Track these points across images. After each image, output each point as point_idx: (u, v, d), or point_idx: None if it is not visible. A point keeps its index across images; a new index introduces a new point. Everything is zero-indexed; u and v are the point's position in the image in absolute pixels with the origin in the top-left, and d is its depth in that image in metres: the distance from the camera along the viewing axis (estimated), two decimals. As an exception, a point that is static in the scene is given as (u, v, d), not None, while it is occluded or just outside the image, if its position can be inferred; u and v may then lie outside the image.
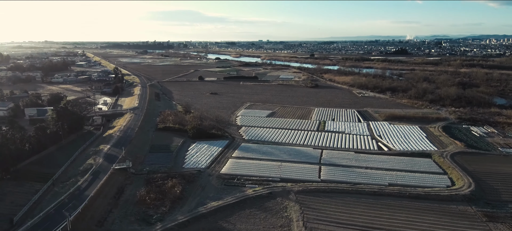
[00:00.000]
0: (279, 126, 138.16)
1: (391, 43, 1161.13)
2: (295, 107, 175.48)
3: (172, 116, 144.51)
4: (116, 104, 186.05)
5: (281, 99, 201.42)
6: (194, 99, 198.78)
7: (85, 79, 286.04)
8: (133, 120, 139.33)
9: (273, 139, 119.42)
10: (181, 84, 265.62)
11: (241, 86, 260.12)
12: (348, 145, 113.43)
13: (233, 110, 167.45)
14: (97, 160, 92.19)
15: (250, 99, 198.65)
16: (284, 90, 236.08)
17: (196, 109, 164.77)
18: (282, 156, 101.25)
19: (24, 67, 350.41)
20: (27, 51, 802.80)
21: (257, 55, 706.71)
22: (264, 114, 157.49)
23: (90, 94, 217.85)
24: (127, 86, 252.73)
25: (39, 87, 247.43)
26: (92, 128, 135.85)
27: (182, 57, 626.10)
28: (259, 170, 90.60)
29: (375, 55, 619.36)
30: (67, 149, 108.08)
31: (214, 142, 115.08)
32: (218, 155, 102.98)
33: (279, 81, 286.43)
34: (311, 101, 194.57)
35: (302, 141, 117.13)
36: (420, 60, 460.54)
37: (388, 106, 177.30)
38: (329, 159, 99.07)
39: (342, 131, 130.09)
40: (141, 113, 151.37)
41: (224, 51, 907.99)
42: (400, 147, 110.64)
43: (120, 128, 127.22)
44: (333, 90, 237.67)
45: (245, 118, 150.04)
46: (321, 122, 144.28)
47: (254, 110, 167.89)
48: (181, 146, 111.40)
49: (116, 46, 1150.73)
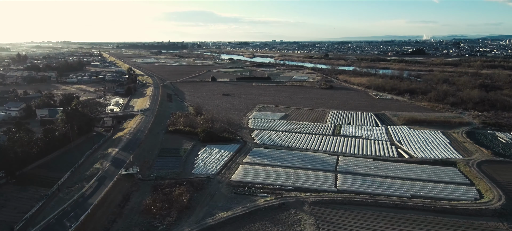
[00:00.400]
0: (292, 129, 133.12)
1: (407, 43, 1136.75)
2: (309, 110, 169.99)
3: (183, 118, 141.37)
4: (128, 105, 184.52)
5: (295, 101, 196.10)
6: (206, 101, 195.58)
7: (99, 79, 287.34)
8: (144, 121, 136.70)
9: (286, 143, 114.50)
10: (193, 85, 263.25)
11: (254, 87, 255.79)
12: (365, 151, 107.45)
13: (245, 113, 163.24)
14: (104, 164, 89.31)
15: (263, 101, 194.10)
16: (298, 92, 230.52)
17: (208, 111, 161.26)
18: (296, 162, 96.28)
19: (40, 67, 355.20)
20: (45, 51, 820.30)
21: (270, 56, 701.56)
22: (277, 117, 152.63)
23: (102, 95, 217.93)
24: (140, 87, 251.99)
25: (53, 87, 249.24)
26: (102, 129, 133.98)
27: (195, 57, 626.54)
28: (271, 177, 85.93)
29: (392, 56, 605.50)
30: (76, 151, 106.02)
31: (225, 145, 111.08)
32: (228, 160, 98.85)
33: (293, 82, 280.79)
34: (325, 103, 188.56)
35: (317, 146, 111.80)
36: (438, 61, 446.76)
37: (407, 110, 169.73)
38: (345, 166, 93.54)
39: (358, 135, 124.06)
40: (152, 115, 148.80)
41: (238, 51, 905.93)
42: (422, 154, 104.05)
43: (130, 130, 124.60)
44: (349, 92, 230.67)
45: (257, 121, 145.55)
46: (337, 125, 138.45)
47: (266, 112, 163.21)
48: (191, 149, 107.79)
49: (132, 47, 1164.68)
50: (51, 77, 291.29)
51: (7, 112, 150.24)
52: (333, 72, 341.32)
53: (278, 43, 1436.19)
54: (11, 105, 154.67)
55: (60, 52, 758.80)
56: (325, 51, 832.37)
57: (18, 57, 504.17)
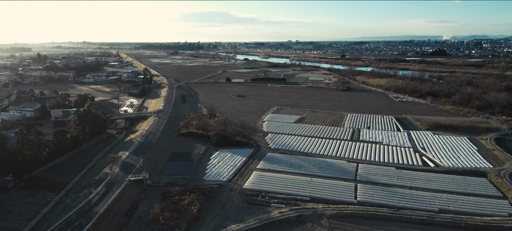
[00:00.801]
0: (308, 133, 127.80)
1: (426, 44, 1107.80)
2: (325, 113, 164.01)
3: (196, 120, 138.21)
4: (142, 106, 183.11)
5: (311, 103, 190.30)
6: (220, 102, 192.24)
7: (115, 79, 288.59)
8: (156, 124, 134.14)
9: (302, 149, 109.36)
10: (208, 86, 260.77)
11: (269, 88, 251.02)
12: (387, 158, 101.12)
13: (259, 115, 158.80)
14: (114, 169, 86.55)
15: (278, 103, 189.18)
16: (314, 94, 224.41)
17: (221, 113, 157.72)
18: (312, 170, 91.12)
19: (59, 67, 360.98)
20: (65, 52, 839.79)
21: (285, 56, 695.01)
22: (292, 120, 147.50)
23: (117, 95, 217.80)
24: (155, 88, 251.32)
25: (70, 87, 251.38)
26: (115, 131, 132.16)
27: (211, 58, 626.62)
28: (286, 185, 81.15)
29: (411, 56, 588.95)
30: (87, 154, 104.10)
31: (238, 150, 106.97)
32: (241, 165, 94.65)
33: (309, 83, 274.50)
34: (343, 106, 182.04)
35: (334, 152, 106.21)
36: (460, 62, 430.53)
37: (430, 113, 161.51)
38: (366, 175, 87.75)
39: (379, 141, 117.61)
40: (165, 116, 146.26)
41: (253, 52, 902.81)
42: (449, 163, 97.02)
43: (142, 132, 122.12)
44: (367, 94, 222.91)
45: (271, 124, 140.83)
46: (355, 130, 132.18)
47: (281, 115, 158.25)
48: (203, 153, 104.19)
49: (149, 47, 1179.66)
50: (68, 77, 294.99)
51: (22, 112, 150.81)
52: (350, 73, 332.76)
53: (293, 44, 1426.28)
54: (26, 105, 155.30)
55: (79, 53, 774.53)
56: (342, 51, 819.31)
57: (38, 57, 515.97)
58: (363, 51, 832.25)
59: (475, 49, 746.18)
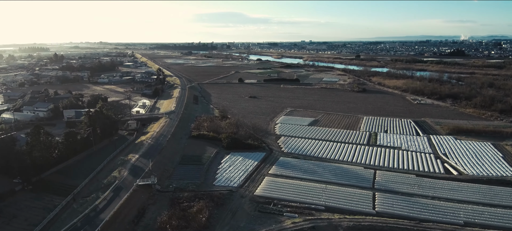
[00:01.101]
0: (322, 136, 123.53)
1: (444, 44, 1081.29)
2: (340, 115, 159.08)
3: (207, 122, 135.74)
4: (154, 107, 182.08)
5: (325, 105, 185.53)
6: (232, 103, 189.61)
7: (129, 80, 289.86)
8: (167, 125, 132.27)
9: (316, 153, 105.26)
10: (220, 87, 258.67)
11: (282, 89, 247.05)
12: (406, 165, 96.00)
13: (272, 117, 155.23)
14: (122, 173, 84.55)
15: (291, 104, 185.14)
16: (328, 95, 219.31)
17: (233, 115, 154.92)
18: (327, 176, 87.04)
19: (75, 67, 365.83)
20: (81, 52, 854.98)
21: (299, 56, 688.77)
22: (306, 123, 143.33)
23: (129, 96, 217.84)
24: (167, 88, 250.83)
25: (84, 87, 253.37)
26: (126, 132, 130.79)
27: (224, 58, 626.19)
28: (300, 193, 77.42)
29: (428, 57, 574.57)
30: (97, 156, 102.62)
31: (250, 153, 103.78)
32: (253, 170, 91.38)
33: (322, 84, 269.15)
34: (358, 108, 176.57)
35: (350, 157, 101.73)
36: (480, 63, 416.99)
37: (450, 117, 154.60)
38: (384, 183, 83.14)
39: (397, 146, 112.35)
40: (176, 118, 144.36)
41: (266, 52, 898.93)
42: (473, 171, 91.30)
43: (153, 134, 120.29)
44: (384, 95, 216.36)
45: (284, 126, 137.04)
46: (372, 133, 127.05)
47: (294, 117, 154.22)
48: (214, 157, 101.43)
49: (164, 47, 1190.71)
50: (83, 78, 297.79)
51: (36, 112, 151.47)
52: (365, 74, 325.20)
53: (307, 44, 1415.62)
54: (39, 105, 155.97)
55: (95, 53, 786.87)
56: (356, 51, 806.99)
57: (55, 57, 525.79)
58: (379, 51, 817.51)
59: (494, 50, 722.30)
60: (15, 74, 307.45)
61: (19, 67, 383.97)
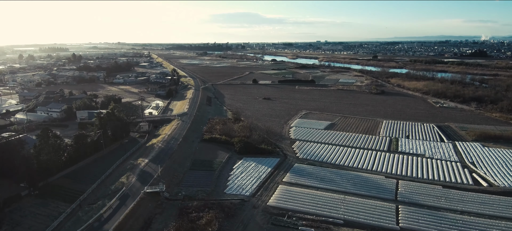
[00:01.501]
0: (339, 141, 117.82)
1: (464, 44, 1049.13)
2: (358, 119, 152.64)
3: (219, 125, 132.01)
4: (167, 108, 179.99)
5: (342, 107, 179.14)
6: (246, 105, 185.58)
7: (143, 80, 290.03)
8: (179, 128, 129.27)
9: (333, 159, 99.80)
10: (234, 88, 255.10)
11: (297, 91, 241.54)
12: (431, 174, 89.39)
13: (286, 120, 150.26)
14: (130, 179, 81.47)
15: (306, 107, 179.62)
16: (345, 97, 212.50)
17: (247, 117, 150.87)
18: (345, 186, 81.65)
19: (91, 67, 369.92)
20: (99, 52, 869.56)
21: (314, 57, 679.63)
22: (322, 126, 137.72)
23: (144, 96, 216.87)
24: (181, 89, 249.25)
25: (100, 88, 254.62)
26: (137, 135, 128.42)
27: (239, 58, 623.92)
28: (316, 204, 72.40)
29: (449, 58, 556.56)
30: (107, 159, 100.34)
31: (263, 159, 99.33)
32: (266, 177, 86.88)
33: (339, 85, 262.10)
34: (377, 111, 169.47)
35: (370, 165, 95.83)
36: (503, 64, 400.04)
37: (476, 122, 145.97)
38: (408, 194, 77.09)
39: (420, 153, 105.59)
40: (188, 120, 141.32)
41: (281, 52, 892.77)
42: (504, 182, 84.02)
43: (164, 137, 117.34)
44: (404, 98, 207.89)
45: (299, 130, 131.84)
46: (393, 139, 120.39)
47: (310, 120, 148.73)
48: (225, 162, 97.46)
49: (179, 48, 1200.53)
50: (99, 78, 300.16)
51: (49, 113, 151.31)
52: (383, 75, 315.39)
53: (322, 44, 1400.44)
54: (53, 106, 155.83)
55: (113, 53, 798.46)
56: (373, 52, 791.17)
57: (73, 57, 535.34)
58: (396, 52, 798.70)
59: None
60: (33, 74, 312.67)
61: (38, 67, 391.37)
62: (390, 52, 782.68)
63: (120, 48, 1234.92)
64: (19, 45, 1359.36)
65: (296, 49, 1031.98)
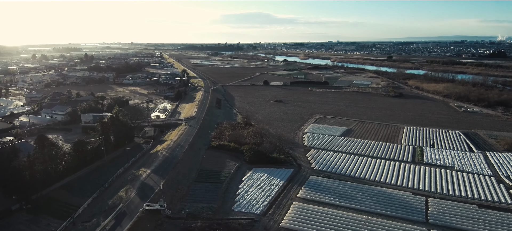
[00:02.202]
0: (358, 150, 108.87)
1: (480, 45, 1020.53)
2: (377, 124, 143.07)
3: (229, 130, 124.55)
4: (175, 111, 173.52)
5: (358, 111, 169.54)
6: (257, 108, 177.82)
7: (153, 81, 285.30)
8: (186, 133, 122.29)
9: (353, 172, 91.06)
10: (245, 89, 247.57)
11: (310, 93, 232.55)
12: (463, 191, 79.71)
13: (299, 125, 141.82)
14: (129, 193, 74.49)
15: (320, 110, 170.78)
16: (361, 100, 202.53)
17: (258, 121, 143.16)
18: (368, 203, 72.92)
19: (102, 67, 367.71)
20: (112, 52, 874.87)
21: (326, 57, 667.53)
22: (338, 133, 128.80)
23: (153, 98, 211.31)
24: (191, 90, 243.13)
25: (109, 89, 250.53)
26: (142, 140, 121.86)
27: (250, 59, 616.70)
28: (336, 226, 64.00)
29: (466, 58, 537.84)
30: (108, 168, 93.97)
31: (275, 170, 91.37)
32: (279, 192, 78.92)
33: (354, 87, 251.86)
34: (397, 115, 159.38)
35: (394, 179, 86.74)
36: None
37: (505, 129, 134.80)
38: (440, 215, 67.85)
39: (449, 165, 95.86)
40: (196, 125, 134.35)
41: (292, 53, 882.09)
42: (550, 201, 74.01)
43: (169, 144, 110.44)
44: (424, 101, 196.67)
45: (314, 137, 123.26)
46: (416, 148, 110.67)
47: (325, 125, 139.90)
48: (234, 173, 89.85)
49: (191, 48, 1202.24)
50: (109, 78, 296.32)
51: (53, 116, 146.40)
52: (400, 76, 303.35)
53: (334, 44, 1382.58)
54: (57, 109, 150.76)
55: (125, 53, 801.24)
56: (387, 52, 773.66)
57: (85, 57, 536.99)
58: (411, 52, 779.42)
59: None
60: (43, 74, 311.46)
61: (49, 67, 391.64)
62: (405, 52, 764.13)
63: (133, 48, 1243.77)
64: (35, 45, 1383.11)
65: (308, 50, 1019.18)
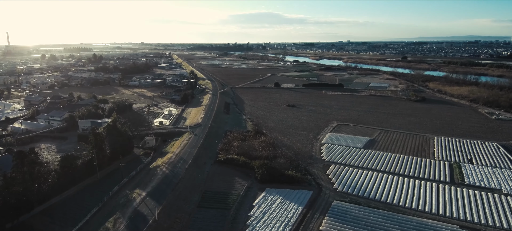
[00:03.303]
0: (385, 166, 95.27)
1: (496, 45, 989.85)
2: (402, 133, 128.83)
3: (237, 141, 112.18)
4: (180, 116, 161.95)
5: (379, 118, 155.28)
6: (268, 113, 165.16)
7: (160, 83, 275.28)
8: (191, 144, 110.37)
9: (383, 195, 77.52)
10: (255, 92, 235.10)
11: (324, 96, 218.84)
12: (522, 224, 65.70)
13: (315, 134, 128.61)
14: (118, 225, 62.35)
15: (337, 116, 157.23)
16: (380, 104, 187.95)
17: (269, 129, 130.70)
18: (407, 240, 59.51)
19: (109, 68, 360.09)
20: (122, 52, 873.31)
21: (338, 58, 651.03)
22: (360, 144, 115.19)
23: (158, 101, 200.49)
24: (198, 93, 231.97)
25: (113, 91, 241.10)
26: (142, 151, 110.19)
27: (259, 59, 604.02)
28: (371, 274, 50.89)
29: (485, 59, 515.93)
30: (101, 185, 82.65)
31: (292, 191, 78.64)
32: (297, 222, 66.15)
33: (371, 90, 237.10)
34: (423, 123, 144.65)
35: (434, 206, 72.69)
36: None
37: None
38: (503, 262, 54.25)
39: (495, 187, 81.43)
40: (202, 133, 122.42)
41: (303, 53, 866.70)
42: None
43: (171, 157, 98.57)
44: (450, 107, 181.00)
45: (333, 148, 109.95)
46: (453, 164, 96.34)
47: (344, 135, 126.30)
48: (243, 195, 77.36)
49: (200, 48, 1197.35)
50: (115, 80, 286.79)
51: (50, 122, 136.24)
52: (418, 78, 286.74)
53: (345, 44, 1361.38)
54: (54, 114, 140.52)
55: (134, 53, 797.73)
56: (401, 52, 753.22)
57: (94, 57, 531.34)
58: (426, 52, 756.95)
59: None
60: (49, 75, 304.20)
61: (56, 67, 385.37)
62: (419, 53, 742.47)
63: (143, 48, 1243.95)
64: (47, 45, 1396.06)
65: (319, 50, 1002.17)
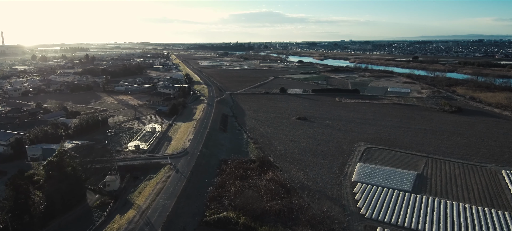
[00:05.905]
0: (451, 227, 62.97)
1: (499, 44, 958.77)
2: (456, 164, 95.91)
3: (236, 180, 79.89)
4: (165, 135, 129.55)
5: (416, 138, 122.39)
6: (275, 130, 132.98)
7: (149, 88, 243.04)
8: (168, 187, 77.82)
9: None
10: (258, 100, 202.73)
11: (339, 105, 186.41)
12: None
13: (340, 164, 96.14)
14: None
15: (362, 135, 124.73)
16: (410, 117, 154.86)
17: (278, 156, 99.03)
18: None
19: (96, 71, 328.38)
20: (120, 52, 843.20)
21: (344, 57, 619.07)
22: (406, 183, 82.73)
23: (142, 112, 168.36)
24: (191, 101, 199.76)
25: (95, 98, 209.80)
26: (98, 200, 77.29)
27: (261, 59, 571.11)
28: None
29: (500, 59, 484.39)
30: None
31: None
32: None
33: (392, 97, 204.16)
34: (474, 146, 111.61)
35: None
36: None
37: None
38: None
39: None
40: (187, 167, 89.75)
41: (306, 52, 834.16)
42: None
43: (133, 218, 66.01)
44: (495, 121, 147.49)
45: (370, 193, 77.54)
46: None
47: (380, 167, 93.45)
48: None
49: (201, 48, 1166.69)
50: (99, 84, 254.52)
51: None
52: (441, 82, 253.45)
53: (348, 43, 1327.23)
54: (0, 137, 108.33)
55: (131, 53, 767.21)
56: (407, 51, 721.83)
57: (85, 58, 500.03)
58: (435, 52, 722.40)
59: None
60: (27, 79, 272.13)
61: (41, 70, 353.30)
62: (428, 52, 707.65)
63: (142, 48, 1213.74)
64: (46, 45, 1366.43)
65: (322, 49, 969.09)
